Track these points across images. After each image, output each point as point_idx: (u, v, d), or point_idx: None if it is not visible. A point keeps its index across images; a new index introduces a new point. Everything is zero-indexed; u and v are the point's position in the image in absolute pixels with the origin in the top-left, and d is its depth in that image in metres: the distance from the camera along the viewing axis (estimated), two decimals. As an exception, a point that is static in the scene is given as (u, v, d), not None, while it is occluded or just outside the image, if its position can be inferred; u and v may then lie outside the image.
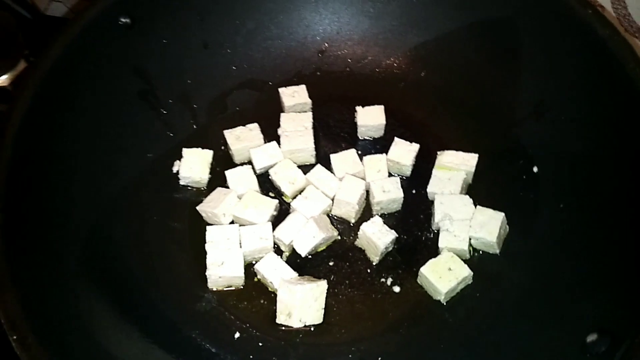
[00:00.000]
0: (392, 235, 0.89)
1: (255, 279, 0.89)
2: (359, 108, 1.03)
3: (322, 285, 0.84)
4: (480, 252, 0.91)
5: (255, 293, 0.88)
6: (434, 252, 0.90)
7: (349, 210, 0.94)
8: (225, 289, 0.88)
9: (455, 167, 0.96)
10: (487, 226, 0.88)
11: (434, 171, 0.97)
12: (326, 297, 0.85)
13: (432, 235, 0.93)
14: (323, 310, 0.84)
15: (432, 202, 0.94)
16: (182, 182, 0.98)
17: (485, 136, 1.01)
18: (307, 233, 0.89)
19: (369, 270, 0.90)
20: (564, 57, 0.94)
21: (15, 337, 0.63)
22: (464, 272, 0.85)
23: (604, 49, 0.87)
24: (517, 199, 0.94)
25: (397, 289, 0.89)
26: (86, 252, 0.81)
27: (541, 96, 0.98)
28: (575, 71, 0.93)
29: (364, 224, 0.90)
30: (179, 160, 0.98)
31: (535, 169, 0.95)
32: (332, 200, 0.94)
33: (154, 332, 0.80)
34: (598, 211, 0.84)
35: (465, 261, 0.87)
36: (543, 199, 0.92)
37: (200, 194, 0.97)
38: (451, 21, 1.06)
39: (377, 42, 1.12)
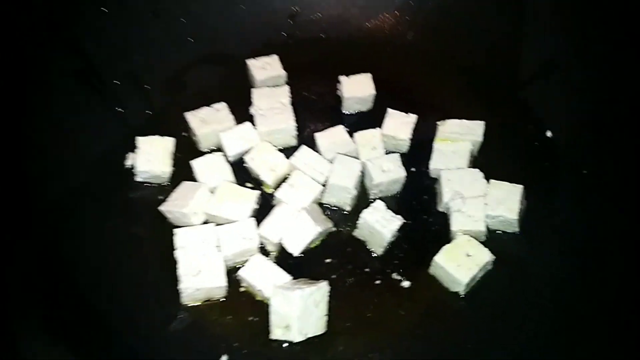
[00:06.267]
0: (398, 221, 0.76)
1: (241, 288, 0.74)
2: (343, 78, 0.90)
3: (323, 288, 0.71)
4: (498, 232, 0.79)
5: (241, 305, 0.73)
6: (445, 237, 0.78)
7: (344, 197, 0.80)
8: (203, 303, 0.72)
9: (459, 137, 0.84)
10: (505, 202, 0.77)
11: (435, 144, 0.85)
12: (328, 302, 0.71)
13: (440, 218, 0.81)
14: (326, 317, 0.71)
15: (437, 179, 0.82)
16: (138, 179, 0.82)
17: (488, 101, 0.91)
18: (299, 228, 0.75)
19: (373, 265, 0.77)
20: (574, 9, 0.84)
21: None
22: (485, 257, 0.74)
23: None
24: (532, 169, 0.84)
25: (406, 283, 0.76)
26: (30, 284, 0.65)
27: (548, 54, 0.89)
28: (586, 23, 0.83)
29: (365, 211, 0.77)
30: (133, 152, 0.82)
31: (548, 134, 0.85)
32: (323, 186, 0.80)
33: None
34: (627, 176, 0.74)
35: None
36: (561, 166, 0.82)
37: (162, 191, 0.82)
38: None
39: (354, 2, 1.00)
